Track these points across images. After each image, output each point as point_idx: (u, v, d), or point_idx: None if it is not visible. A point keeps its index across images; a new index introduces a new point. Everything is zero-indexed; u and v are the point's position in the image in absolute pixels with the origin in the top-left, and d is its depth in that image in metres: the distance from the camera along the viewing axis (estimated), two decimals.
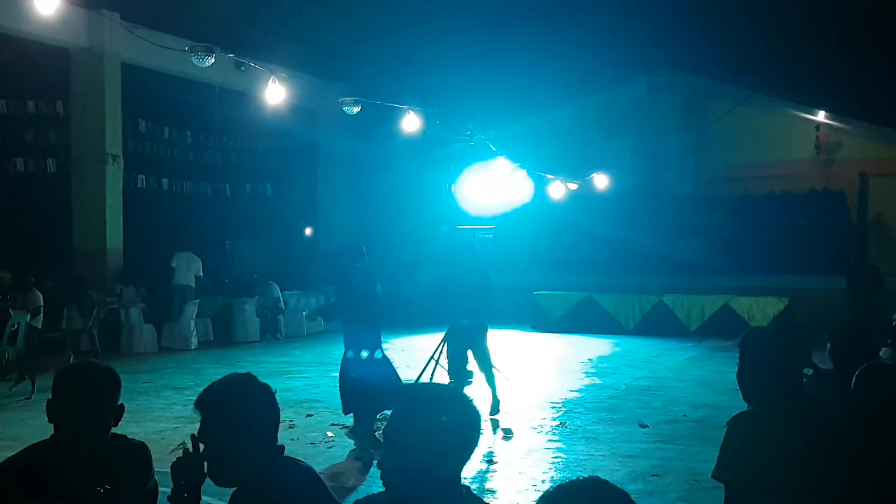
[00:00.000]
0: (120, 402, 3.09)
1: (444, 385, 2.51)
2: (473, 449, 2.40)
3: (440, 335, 13.03)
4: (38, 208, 18.09)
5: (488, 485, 7.12)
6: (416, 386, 2.66)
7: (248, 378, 2.77)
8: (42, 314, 14.34)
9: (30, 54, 16.10)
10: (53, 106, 17.26)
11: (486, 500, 2.51)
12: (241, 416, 2.68)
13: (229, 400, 2.71)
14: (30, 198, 18.14)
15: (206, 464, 2.73)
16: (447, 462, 2.34)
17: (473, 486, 2.53)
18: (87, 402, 2.96)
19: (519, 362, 14.57)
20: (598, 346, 17.10)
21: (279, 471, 2.73)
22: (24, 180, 17.58)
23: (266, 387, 2.76)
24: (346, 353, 8.98)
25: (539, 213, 20.75)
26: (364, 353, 8.78)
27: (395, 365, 9.38)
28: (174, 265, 17.02)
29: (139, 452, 3.15)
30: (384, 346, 9.30)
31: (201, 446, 2.65)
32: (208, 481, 2.74)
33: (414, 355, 14.57)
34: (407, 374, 12.94)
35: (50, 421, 3.02)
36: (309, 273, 21.55)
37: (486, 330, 10.48)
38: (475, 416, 2.40)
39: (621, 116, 22.04)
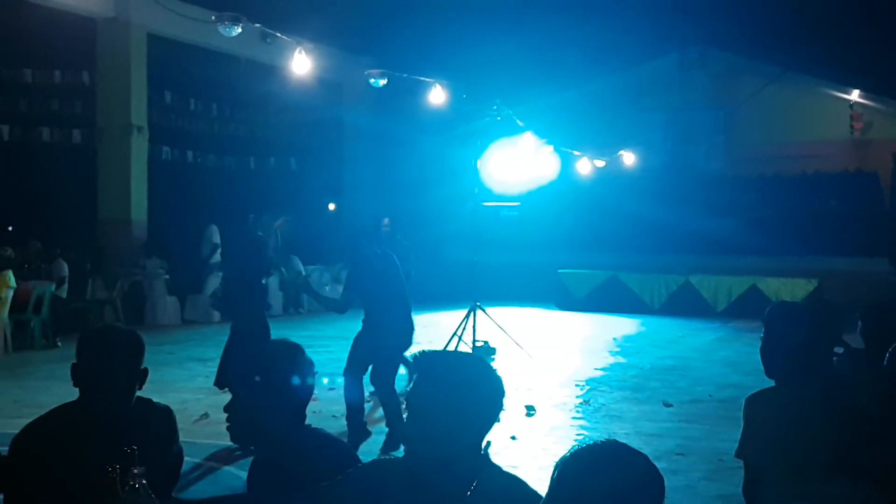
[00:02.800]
0: (143, 366, 3.09)
1: (467, 353, 2.44)
2: (496, 417, 2.36)
3: (463, 312, 12.99)
4: (63, 179, 18.12)
5: (510, 460, 7.03)
6: (440, 352, 2.54)
7: (297, 347, 2.84)
8: (67, 284, 14.38)
9: (56, 24, 16.07)
10: (79, 76, 17.24)
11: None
12: (279, 379, 2.73)
13: (274, 361, 2.77)
14: (55, 168, 18.17)
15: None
16: (470, 429, 2.32)
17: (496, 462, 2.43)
18: (111, 364, 2.96)
19: (543, 341, 14.48)
20: (622, 325, 16.95)
21: (304, 438, 2.77)
22: (49, 150, 17.59)
23: (310, 361, 2.84)
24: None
25: (565, 191, 20.58)
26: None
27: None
28: (216, 241, 16.74)
29: (164, 416, 3.16)
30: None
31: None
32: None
33: (437, 332, 14.50)
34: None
35: (75, 385, 3.02)
36: (332, 248, 21.52)
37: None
38: (498, 384, 2.37)
39: (651, 93, 21.77)
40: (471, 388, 2.31)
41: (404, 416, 2.41)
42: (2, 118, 16.78)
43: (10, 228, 18.71)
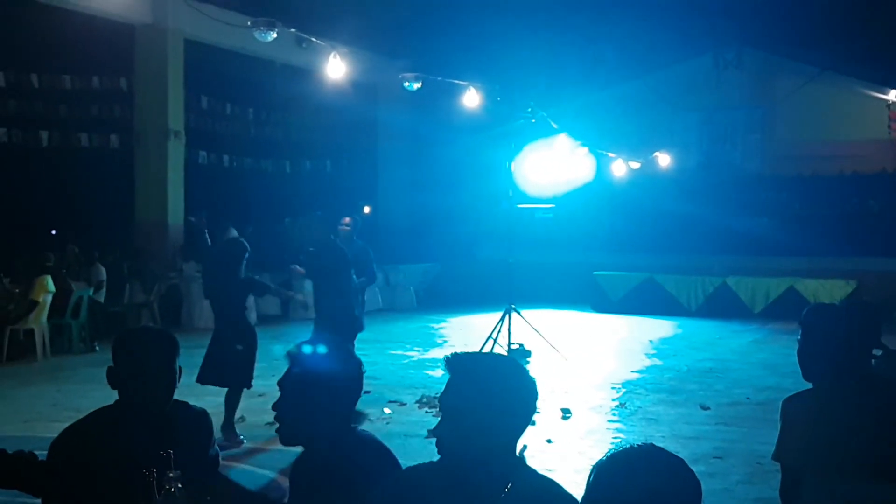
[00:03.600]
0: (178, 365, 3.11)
1: (499, 354, 2.46)
2: (530, 418, 2.37)
3: (497, 314, 12.97)
4: (101, 183, 18.34)
5: (546, 464, 7.00)
6: (472, 354, 2.54)
7: (346, 347, 2.87)
8: (105, 288, 14.51)
9: (95, 30, 16.26)
10: (117, 81, 17.42)
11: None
12: (328, 379, 2.73)
13: (322, 360, 2.76)
14: (94, 172, 18.39)
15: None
16: (503, 430, 2.32)
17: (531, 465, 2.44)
18: (147, 364, 2.99)
19: (579, 343, 14.42)
20: (659, 327, 16.83)
21: (352, 440, 2.77)
22: (88, 155, 17.79)
23: (359, 361, 2.83)
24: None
25: (601, 192, 20.48)
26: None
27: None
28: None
29: (201, 419, 3.18)
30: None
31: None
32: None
33: (472, 334, 14.49)
34: None
35: (112, 387, 3.05)
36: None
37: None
38: (532, 386, 2.37)
39: (687, 92, 21.60)
40: (503, 389, 2.31)
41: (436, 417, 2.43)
42: (42, 124, 16.98)
43: (54, 232, 18.95)
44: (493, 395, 2.28)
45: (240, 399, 8.03)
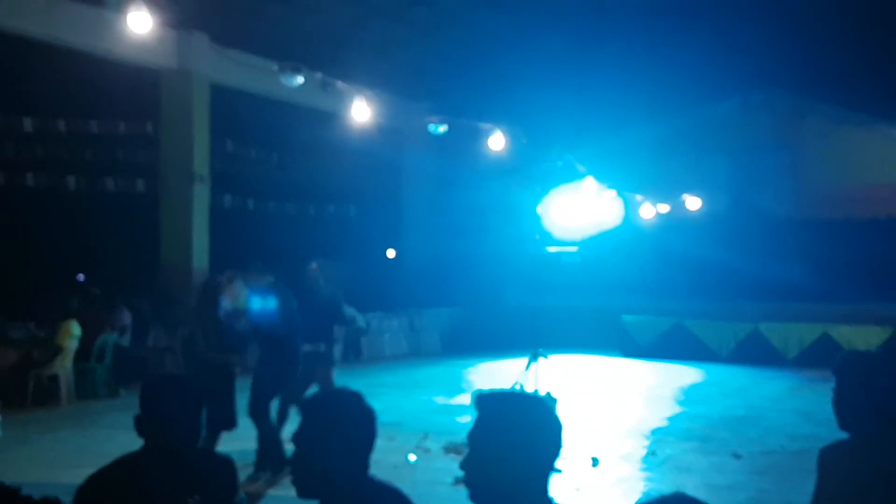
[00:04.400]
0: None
1: (525, 393, 2.60)
2: (556, 457, 2.40)
3: (523, 359, 12.76)
4: (126, 227, 18.37)
5: None
6: (501, 392, 2.54)
7: (356, 395, 2.82)
8: (130, 332, 14.46)
9: (121, 75, 16.37)
10: (143, 126, 17.51)
11: None
12: (340, 428, 2.71)
13: (334, 409, 2.75)
14: (119, 216, 18.44)
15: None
16: (530, 467, 2.35)
17: None
18: (174, 413, 3.01)
19: (607, 389, 14.18)
20: (689, 373, 16.55)
21: (369, 490, 2.75)
22: (113, 199, 17.86)
23: (370, 409, 2.80)
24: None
25: (628, 236, 20.31)
26: None
27: None
28: None
29: (226, 467, 3.19)
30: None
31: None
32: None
33: (497, 379, 14.27)
34: None
35: (140, 435, 3.07)
36: (392, 294, 21.49)
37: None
38: (557, 425, 2.41)
39: (714, 135, 21.42)
40: (530, 426, 2.36)
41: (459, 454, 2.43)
42: (68, 168, 17.10)
43: (80, 277, 18.97)
44: (518, 433, 2.33)
45: None
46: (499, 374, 15.31)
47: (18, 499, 2.93)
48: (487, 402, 2.43)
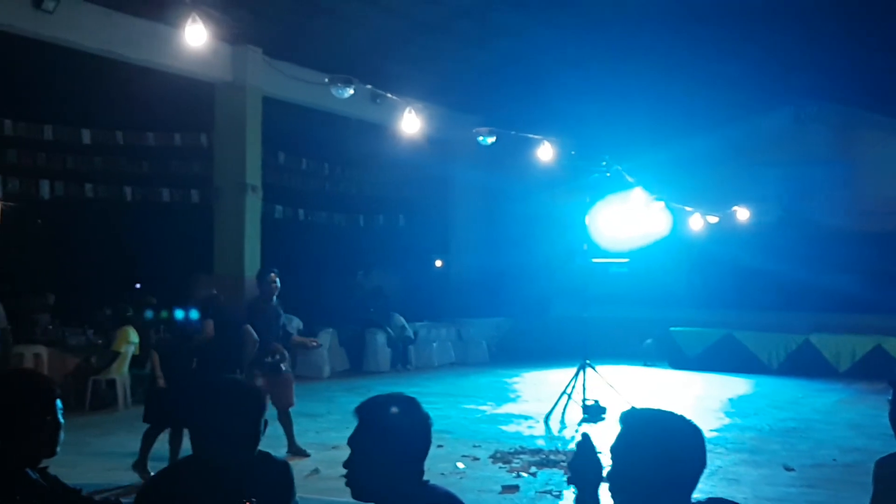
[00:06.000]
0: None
1: (671, 412, 2.60)
2: (699, 475, 2.49)
3: (570, 370, 12.77)
4: (181, 237, 18.66)
5: None
6: (647, 410, 2.65)
7: (412, 400, 2.84)
8: None
9: (177, 89, 16.67)
10: (198, 138, 17.78)
11: None
12: (397, 432, 2.73)
13: (391, 414, 2.77)
14: (174, 227, 18.74)
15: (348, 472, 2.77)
16: (674, 484, 2.43)
17: None
18: (233, 419, 3.00)
19: (655, 400, 14.10)
20: (738, 385, 16.41)
21: (425, 494, 2.76)
22: (169, 210, 18.16)
23: (427, 415, 2.83)
24: None
25: (677, 247, 20.18)
26: None
27: None
28: None
29: (282, 470, 3.19)
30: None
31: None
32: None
33: (545, 390, 14.30)
34: (538, 407, 12.70)
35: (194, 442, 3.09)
36: (440, 304, 21.59)
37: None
38: (702, 443, 2.51)
39: (766, 146, 21.18)
40: (676, 445, 2.44)
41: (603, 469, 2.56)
42: (125, 179, 17.41)
43: (138, 286, 19.32)
44: (663, 451, 2.41)
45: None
46: (546, 384, 15.32)
47: (80, 499, 3.04)
48: (633, 420, 2.53)
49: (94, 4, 14.36)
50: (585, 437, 2.61)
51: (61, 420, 2.96)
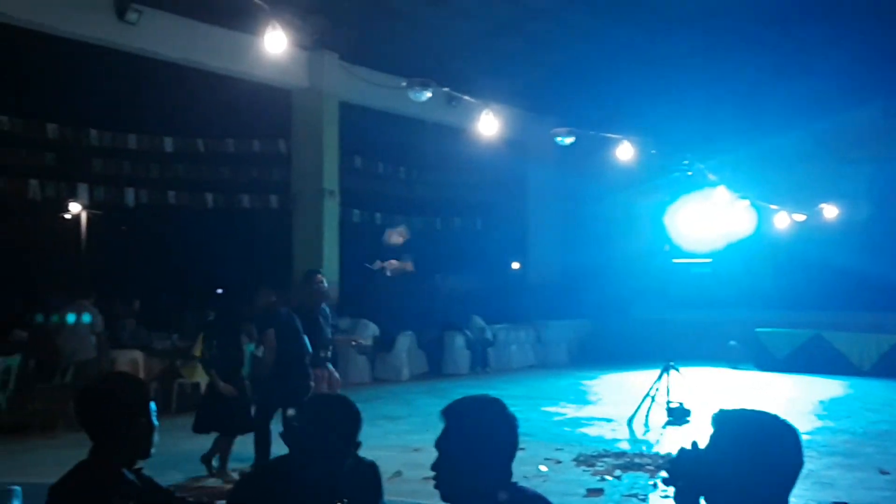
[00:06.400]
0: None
1: (765, 412, 2.50)
2: (796, 476, 2.42)
3: (651, 372, 12.55)
4: (261, 241, 18.90)
5: None
6: (740, 410, 2.55)
7: (499, 402, 2.83)
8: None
9: (255, 95, 16.92)
10: (276, 144, 18.00)
11: None
12: (484, 434, 2.73)
13: (478, 416, 2.77)
14: (254, 231, 18.99)
15: (436, 474, 2.76)
16: (774, 486, 2.37)
17: None
18: (329, 436, 3.04)
19: (742, 402, 13.75)
20: (829, 387, 15.95)
21: (514, 496, 2.75)
22: (249, 215, 18.40)
23: (514, 416, 2.81)
24: None
25: (762, 246, 19.72)
26: None
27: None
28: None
29: (371, 471, 3.27)
30: None
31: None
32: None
33: (627, 392, 14.08)
34: (620, 410, 12.50)
35: (288, 446, 3.14)
36: (518, 306, 21.47)
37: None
38: (798, 443, 2.43)
39: (854, 142, 20.55)
40: (772, 445, 2.38)
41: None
42: (207, 186, 17.70)
43: (220, 291, 19.64)
44: (760, 452, 2.36)
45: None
46: (628, 386, 15.10)
47: (173, 499, 3.14)
48: (726, 420, 2.46)
49: (175, 15, 14.65)
50: (694, 444, 2.52)
51: (155, 422, 3.01)
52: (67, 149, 16.04)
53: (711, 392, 12.87)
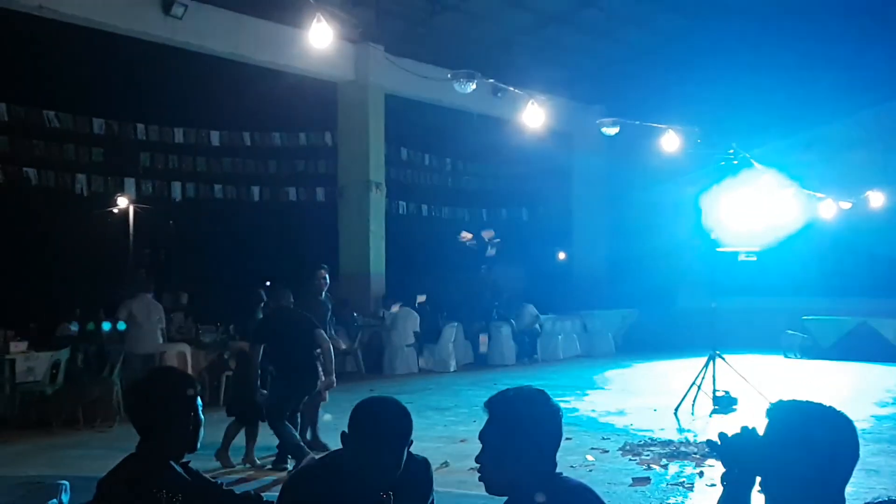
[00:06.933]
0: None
1: (823, 405, 2.47)
2: (852, 468, 2.41)
3: (698, 360, 12.53)
4: (308, 234, 19.07)
5: None
6: (795, 401, 2.54)
7: (542, 393, 2.81)
8: None
9: (301, 89, 17.08)
10: (322, 137, 18.16)
11: None
12: (528, 426, 2.72)
13: (521, 408, 2.75)
14: (301, 224, 19.18)
15: (481, 466, 2.76)
16: (830, 478, 2.37)
17: None
18: (382, 443, 2.99)
19: (788, 390, 13.70)
20: (876, 374, 15.81)
21: (560, 487, 2.73)
22: (295, 208, 18.57)
23: (558, 407, 2.80)
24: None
25: (808, 234, 19.52)
26: None
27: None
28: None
29: (422, 467, 3.21)
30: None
31: None
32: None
33: (673, 381, 14.06)
34: (666, 399, 12.51)
35: (343, 447, 3.09)
36: (564, 297, 21.49)
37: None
38: (854, 435, 2.43)
39: None
40: (828, 438, 2.37)
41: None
42: (253, 180, 17.92)
43: (268, 284, 19.88)
44: (817, 444, 2.35)
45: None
46: (674, 375, 15.08)
47: (221, 492, 3.15)
48: (782, 412, 2.45)
49: (220, 9, 14.81)
50: (752, 431, 2.52)
51: (202, 417, 3.07)
52: (115, 144, 16.28)
53: (758, 380, 12.81)
